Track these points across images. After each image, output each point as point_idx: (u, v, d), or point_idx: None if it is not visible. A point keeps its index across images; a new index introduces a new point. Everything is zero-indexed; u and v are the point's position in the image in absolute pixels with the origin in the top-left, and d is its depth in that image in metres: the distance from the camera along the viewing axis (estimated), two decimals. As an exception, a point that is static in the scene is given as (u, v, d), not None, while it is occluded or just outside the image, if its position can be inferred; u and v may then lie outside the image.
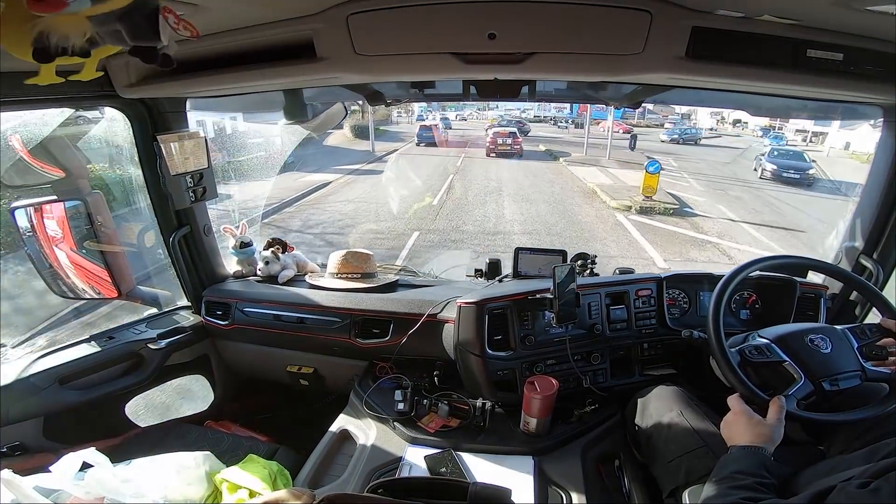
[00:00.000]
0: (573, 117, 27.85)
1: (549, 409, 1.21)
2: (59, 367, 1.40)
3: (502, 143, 16.38)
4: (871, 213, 1.35)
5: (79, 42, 0.57)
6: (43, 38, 0.54)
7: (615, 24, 0.85)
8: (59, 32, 0.54)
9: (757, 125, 24.89)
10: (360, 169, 13.85)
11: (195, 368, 1.84)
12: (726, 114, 24.38)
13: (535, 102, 22.75)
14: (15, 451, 1.32)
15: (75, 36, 0.56)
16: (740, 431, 0.93)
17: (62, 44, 0.55)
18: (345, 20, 0.87)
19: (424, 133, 19.03)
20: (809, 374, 1.02)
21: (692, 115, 28.03)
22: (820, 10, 0.79)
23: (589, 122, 20.42)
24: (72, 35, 0.56)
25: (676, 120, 27.73)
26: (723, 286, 1.14)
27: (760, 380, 1.06)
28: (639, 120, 26.91)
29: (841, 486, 0.64)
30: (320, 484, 1.22)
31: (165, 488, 1.12)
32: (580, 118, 25.27)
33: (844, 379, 1.02)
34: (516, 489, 1.07)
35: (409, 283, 1.79)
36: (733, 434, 0.94)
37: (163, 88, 1.21)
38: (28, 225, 1.46)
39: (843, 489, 0.63)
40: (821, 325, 1.18)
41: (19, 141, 1.32)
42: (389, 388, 1.43)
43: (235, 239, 1.85)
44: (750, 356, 1.07)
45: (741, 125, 27.92)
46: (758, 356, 1.07)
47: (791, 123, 20.59)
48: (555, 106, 30.50)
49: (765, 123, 23.27)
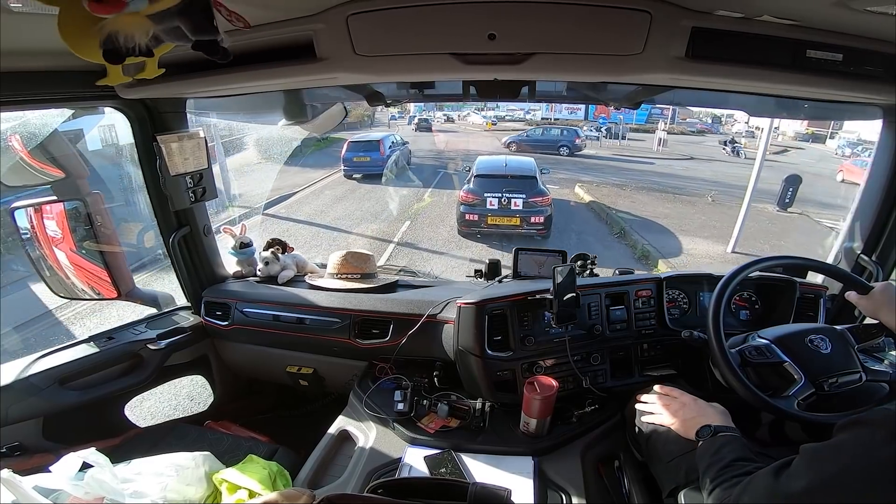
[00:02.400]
0: (606, 125, 21.51)
1: (548, 409, 1.21)
2: (58, 367, 1.40)
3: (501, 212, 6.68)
4: (871, 214, 1.35)
5: (144, 41, 0.58)
6: (111, 40, 0.55)
7: (615, 25, 0.84)
8: (126, 32, 0.56)
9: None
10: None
11: (195, 369, 1.84)
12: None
13: (543, 103, 19.69)
14: (15, 451, 1.32)
15: (140, 35, 0.57)
16: (705, 410, 1.02)
17: (129, 44, 0.57)
18: (345, 21, 0.87)
19: (355, 158, 10.72)
20: (809, 375, 1.02)
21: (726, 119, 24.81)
22: (820, 10, 0.79)
23: (623, 128, 18.11)
24: (137, 34, 0.57)
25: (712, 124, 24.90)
26: (722, 287, 1.14)
27: (760, 380, 1.06)
28: (673, 125, 23.94)
29: (804, 447, 0.66)
30: (320, 484, 1.22)
31: (165, 489, 1.12)
32: (594, 120, 21.44)
33: (844, 379, 1.02)
34: (516, 490, 1.08)
35: (408, 283, 1.79)
36: (701, 414, 1.02)
37: (162, 89, 1.21)
38: (28, 225, 1.46)
39: (806, 449, 0.65)
40: (820, 325, 1.18)
41: (19, 141, 1.32)
42: (389, 389, 1.43)
43: (235, 239, 1.85)
44: (750, 357, 1.08)
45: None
46: (758, 357, 1.07)
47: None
48: (567, 107, 26.77)
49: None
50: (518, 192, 6.61)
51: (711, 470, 0.85)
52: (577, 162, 15.08)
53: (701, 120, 25.81)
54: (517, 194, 6.58)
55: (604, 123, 21.56)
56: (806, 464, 0.64)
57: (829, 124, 17.05)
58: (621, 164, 14.93)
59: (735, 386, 1.04)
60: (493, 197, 6.56)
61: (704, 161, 16.08)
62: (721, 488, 0.80)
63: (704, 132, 24.90)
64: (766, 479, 0.68)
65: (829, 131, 19.35)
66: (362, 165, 10.69)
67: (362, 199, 9.70)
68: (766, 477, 0.68)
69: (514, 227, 6.62)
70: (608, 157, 16.38)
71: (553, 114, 28.93)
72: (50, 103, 1.24)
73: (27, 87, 1.10)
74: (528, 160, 8.35)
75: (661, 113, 24.63)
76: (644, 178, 12.40)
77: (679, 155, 17.20)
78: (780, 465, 0.68)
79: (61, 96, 1.21)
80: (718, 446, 0.89)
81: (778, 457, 0.87)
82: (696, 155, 17.17)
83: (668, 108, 22.43)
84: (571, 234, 7.55)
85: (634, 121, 22.10)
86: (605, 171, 13.35)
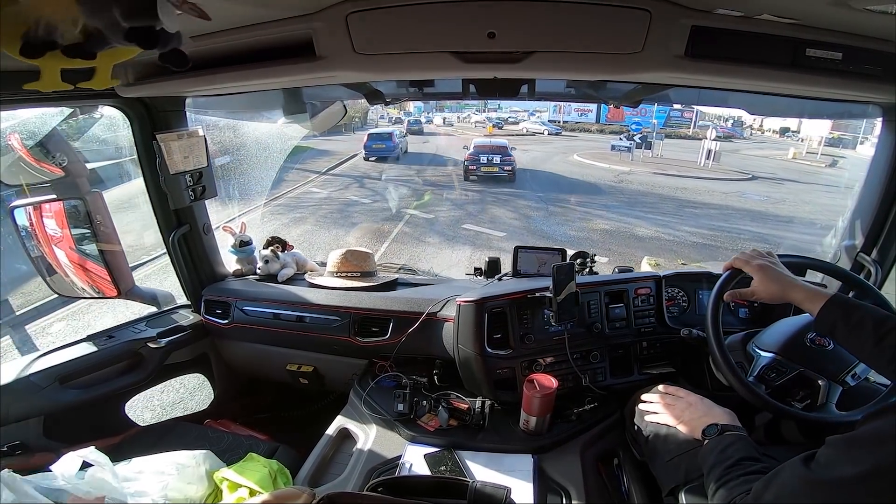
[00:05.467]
0: (640, 130, 17.99)
1: (548, 407, 1.21)
2: (59, 366, 1.40)
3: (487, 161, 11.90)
4: (870, 212, 1.35)
5: (70, 33, 0.50)
6: (31, 32, 0.48)
7: (614, 23, 0.84)
8: (46, 21, 0.47)
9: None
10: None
11: (195, 367, 1.84)
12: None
13: (550, 103, 18.77)
14: (15, 450, 1.32)
15: (64, 25, 0.49)
16: (710, 409, 1.02)
17: (50, 35, 0.48)
18: (344, 19, 0.87)
19: (374, 144, 14.98)
20: (830, 375, 1.01)
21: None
22: (819, 9, 0.79)
23: (653, 136, 14.53)
24: (60, 24, 0.48)
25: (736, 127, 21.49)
26: (717, 295, 1.13)
27: (787, 393, 1.03)
28: (696, 130, 20.77)
29: (832, 439, 0.65)
30: (320, 482, 1.22)
31: (165, 487, 1.12)
32: (629, 125, 16.98)
33: (861, 368, 1.01)
34: (516, 488, 1.08)
35: (408, 281, 1.79)
36: (705, 413, 1.01)
37: (161, 87, 1.21)
38: (27, 224, 1.46)
39: (837, 441, 0.64)
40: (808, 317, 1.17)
41: (18, 139, 1.31)
42: (389, 387, 1.43)
43: (234, 238, 1.85)
44: (771, 380, 1.05)
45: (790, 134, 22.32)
46: (778, 378, 1.05)
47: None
48: (577, 108, 24.16)
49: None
50: (496, 154, 12.26)
51: (717, 468, 0.84)
52: (616, 188, 11.86)
53: (714, 123, 22.06)
54: (495, 155, 12.23)
55: (637, 129, 16.79)
56: (844, 452, 0.62)
57: (860, 127, 13.42)
58: (673, 192, 11.14)
59: (734, 384, 1.04)
60: (483, 156, 12.20)
61: (769, 179, 11.99)
62: (726, 487, 0.79)
63: (732, 138, 21.50)
64: (798, 470, 0.66)
65: (859, 136, 15.69)
66: (379, 150, 14.98)
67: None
68: (797, 468, 0.66)
69: (494, 172, 12.09)
70: (653, 179, 12.44)
71: (561, 115, 26.45)
72: (49, 102, 1.24)
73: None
74: (502, 140, 14.16)
75: (682, 115, 21.91)
76: (714, 223, 8.61)
77: (736, 172, 13.27)
78: (807, 458, 0.67)
79: (60, 95, 1.20)
80: (725, 445, 0.88)
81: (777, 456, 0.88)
82: (755, 170, 13.37)
83: (691, 110, 19.53)
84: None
85: (655, 125, 19.44)
86: (662, 210, 9.73)
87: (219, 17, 0.91)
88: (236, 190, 3.64)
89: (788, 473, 0.67)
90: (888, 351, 0.81)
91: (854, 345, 0.87)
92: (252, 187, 3.91)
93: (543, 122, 25.75)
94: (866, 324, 0.84)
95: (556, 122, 26.13)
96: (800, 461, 0.67)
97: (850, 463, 0.60)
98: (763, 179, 12.84)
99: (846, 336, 0.87)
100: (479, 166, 11.99)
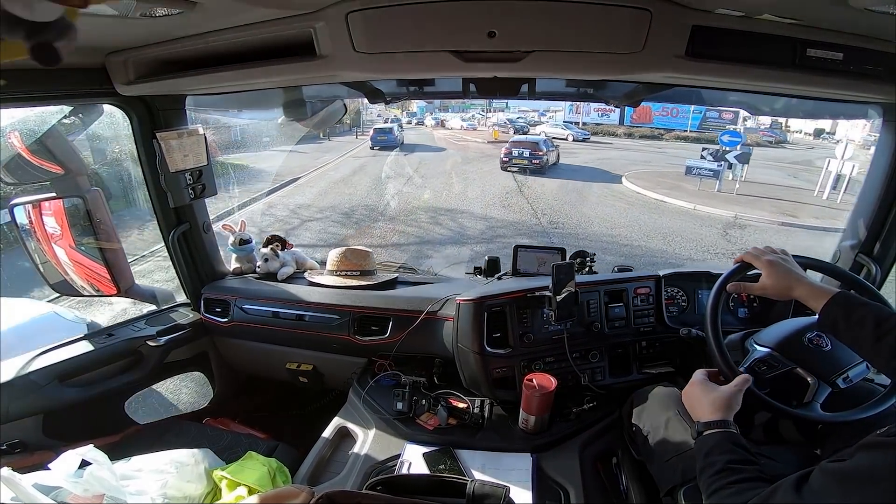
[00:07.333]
0: (736, 145, 11.37)
1: (547, 406, 1.22)
2: (58, 364, 1.40)
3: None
4: (870, 212, 1.35)
5: None
6: None
7: (615, 23, 0.84)
8: None
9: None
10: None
11: (194, 366, 1.84)
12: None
13: (568, 102, 18.14)
14: (14, 448, 1.32)
15: None
16: (698, 403, 0.94)
17: None
18: (344, 18, 0.87)
19: (378, 137, 17.89)
20: (821, 375, 1.01)
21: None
22: (820, 9, 0.79)
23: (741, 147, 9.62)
24: None
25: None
26: (720, 285, 1.14)
27: (776, 390, 1.03)
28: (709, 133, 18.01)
29: (825, 466, 0.64)
30: (319, 481, 1.22)
31: (164, 486, 1.12)
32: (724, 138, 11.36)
33: (854, 372, 1.01)
34: (515, 487, 1.08)
35: (407, 280, 1.79)
36: (693, 406, 0.95)
37: (162, 85, 1.21)
38: (27, 221, 1.46)
39: (831, 470, 0.63)
40: (814, 319, 1.18)
41: (18, 138, 1.31)
42: (388, 386, 1.43)
43: (234, 236, 1.85)
44: (761, 372, 1.05)
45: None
46: (769, 371, 1.05)
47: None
48: (596, 108, 20.94)
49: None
50: (526, 149, 13.71)
51: (704, 475, 0.82)
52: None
53: (746, 126, 18.44)
54: (526, 149, 13.70)
55: (733, 144, 11.11)
56: (837, 486, 0.61)
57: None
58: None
59: (722, 368, 1.03)
60: (516, 150, 13.71)
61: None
62: (717, 496, 0.77)
63: (782, 143, 19.16)
64: (790, 496, 0.65)
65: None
66: (383, 141, 17.99)
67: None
68: (789, 493, 0.65)
69: (524, 165, 13.58)
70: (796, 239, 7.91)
71: (580, 116, 22.93)
72: (48, 100, 1.23)
73: (26, 84, 1.10)
74: (538, 136, 16.89)
75: (720, 116, 18.70)
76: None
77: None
78: (799, 480, 0.65)
79: (60, 93, 1.20)
80: (709, 448, 0.84)
81: (774, 456, 0.87)
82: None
83: (729, 111, 17.04)
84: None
85: (689, 126, 17.80)
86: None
87: (219, 15, 0.92)
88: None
89: (780, 498, 0.67)
90: (887, 349, 0.81)
91: (854, 342, 0.87)
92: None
93: (563, 124, 22.13)
94: (867, 321, 0.84)
95: (574, 123, 22.67)
96: (792, 485, 0.66)
97: (843, 497, 0.60)
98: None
99: (847, 333, 0.87)
100: (511, 160, 13.96)
